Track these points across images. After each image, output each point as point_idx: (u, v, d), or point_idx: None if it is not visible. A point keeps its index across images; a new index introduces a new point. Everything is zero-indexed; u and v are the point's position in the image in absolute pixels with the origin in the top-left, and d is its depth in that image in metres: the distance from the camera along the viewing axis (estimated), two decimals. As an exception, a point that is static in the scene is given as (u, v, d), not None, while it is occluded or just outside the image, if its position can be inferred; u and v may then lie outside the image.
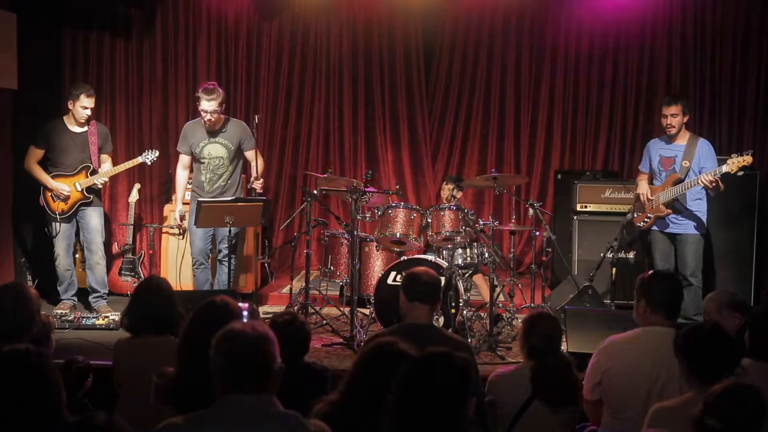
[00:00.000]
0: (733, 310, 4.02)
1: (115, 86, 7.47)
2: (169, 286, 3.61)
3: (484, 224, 5.74)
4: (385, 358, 2.58)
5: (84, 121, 6.01)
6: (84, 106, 5.93)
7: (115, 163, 6.24)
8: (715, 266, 6.38)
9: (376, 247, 5.89)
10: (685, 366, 2.86)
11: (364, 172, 6.89)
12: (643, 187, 5.83)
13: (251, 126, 5.97)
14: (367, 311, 5.65)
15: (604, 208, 6.62)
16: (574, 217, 6.68)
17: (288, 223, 7.19)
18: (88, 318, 5.75)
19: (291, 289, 6.11)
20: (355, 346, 5.15)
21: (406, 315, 3.65)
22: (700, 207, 5.70)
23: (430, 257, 5.72)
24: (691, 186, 5.53)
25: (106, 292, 6.25)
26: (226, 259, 5.85)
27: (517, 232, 6.41)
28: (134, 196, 6.87)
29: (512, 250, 5.97)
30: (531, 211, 5.96)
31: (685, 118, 5.71)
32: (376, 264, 5.95)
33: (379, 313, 5.47)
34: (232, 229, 5.55)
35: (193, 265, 6.12)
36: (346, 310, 5.75)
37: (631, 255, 6.49)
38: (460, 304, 5.39)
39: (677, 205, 5.67)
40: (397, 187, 6.42)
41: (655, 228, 5.81)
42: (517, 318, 5.68)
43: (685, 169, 5.64)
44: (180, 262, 6.58)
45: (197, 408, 2.33)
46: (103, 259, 6.21)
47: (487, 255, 5.65)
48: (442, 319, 5.27)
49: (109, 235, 7.11)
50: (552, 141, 7.83)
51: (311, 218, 5.89)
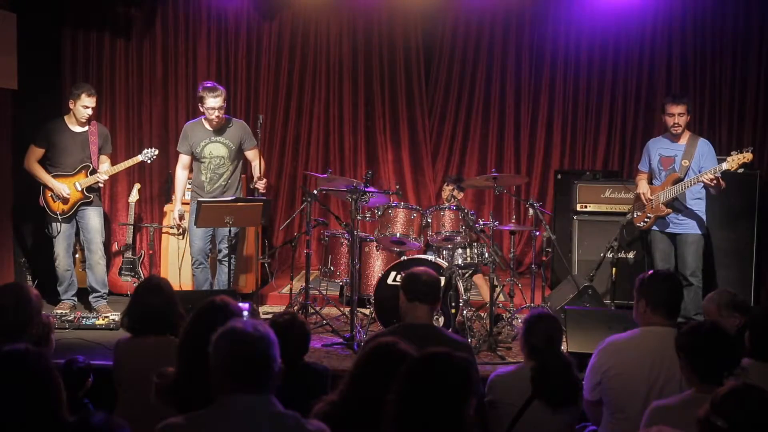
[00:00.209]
0: (733, 310, 4.03)
1: (115, 86, 7.48)
2: (170, 286, 3.61)
3: (484, 224, 5.74)
4: (385, 358, 2.58)
5: (85, 121, 6.01)
6: (85, 105, 5.93)
7: (114, 165, 6.24)
8: (715, 266, 6.38)
9: (376, 247, 5.90)
10: (686, 365, 2.86)
11: (364, 172, 6.89)
12: (643, 187, 5.83)
13: (255, 126, 5.97)
14: (367, 311, 5.65)
15: (604, 208, 6.62)
16: (574, 217, 6.68)
17: (288, 223, 7.19)
18: (88, 318, 5.75)
19: (291, 289, 6.11)
20: (355, 346, 5.15)
21: (406, 315, 3.66)
22: (700, 206, 5.70)
23: (430, 257, 5.72)
24: (691, 185, 5.52)
25: (106, 292, 6.25)
26: (226, 259, 5.85)
27: (517, 232, 6.41)
28: (134, 196, 6.88)
29: (512, 250, 5.97)
30: (531, 211, 5.96)
31: (688, 118, 5.72)
32: (376, 264, 5.95)
33: (379, 313, 5.47)
34: (232, 229, 5.55)
35: (192, 265, 6.13)
36: (346, 310, 5.75)
37: (631, 255, 6.49)
38: (460, 304, 5.40)
39: (677, 205, 5.67)
40: (397, 187, 6.42)
41: (655, 228, 5.81)
42: (517, 318, 5.68)
43: (684, 168, 5.64)
44: (180, 262, 6.58)
45: (197, 408, 2.34)
46: (103, 258, 6.21)
47: (487, 255, 5.66)
48: (442, 319, 5.27)
49: (109, 235, 7.12)
50: (552, 141, 7.83)
51: (311, 218, 5.89)
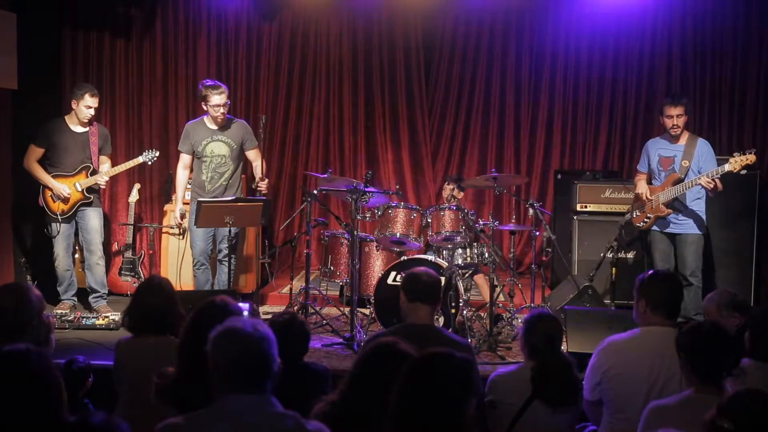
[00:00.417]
0: (733, 310, 4.03)
1: (115, 86, 7.48)
2: (171, 286, 3.61)
3: (484, 224, 5.74)
4: (385, 358, 2.58)
5: (87, 121, 6.01)
6: (88, 105, 5.93)
7: (113, 165, 6.24)
8: (715, 266, 6.38)
9: (376, 247, 5.90)
10: (686, 365, 2.86)
11: (364, 172, 6.89)
12: (642, 187, 5.83)
13: (258, 126, 5.96)
14: (367, 311, 5.65)
15: (604, 208, 6.62)
16: (574, 217, 6.68)
17: (288, 223, 7.19)
18: (88, 318, 5.75)
19: (291, 289, 6.11)
20: (355, 346, 5.15)
21: (407, 315, 3.65)
22: (700, 207, 5.70)
23: (430, 257, 5.72)
24: (691, 186, 5.53)
25: (106, 292, 6.25)
26: (226, 259, 5.85)
27: (517, 232, 6.41)
28: (134, 196, 6.88)
29: (512, 250, 5.97)
30: (531, 211, 5.95)
31: (687, 118, 5.72)
32: (376, 264, 5.95)
33: (379, 313, 5.47)
34: (232, 229, 5.55)
35: (194, 266, 6.12)
36: (346, 310, 5.75)
37: (631, 255, 6.49)
38: (460, 304, 5.40)
39: (677, 205, 5.67)
40: (397, 187, 6.43)
41: (654, 228, 5.81)
42: (517, 318, 5.68)
43: (684, 168, 5.64)
44: (180, 263, 6.58)
45: (197, 408, 2.33)
46: (102, 259, 6.21)
47: (487, 255, 5.66)
48: (442, 319, 5.27)
49: (109, 235, 7.12)
50: (552, 141, 7.83)
51: (311, 218, 5.89)
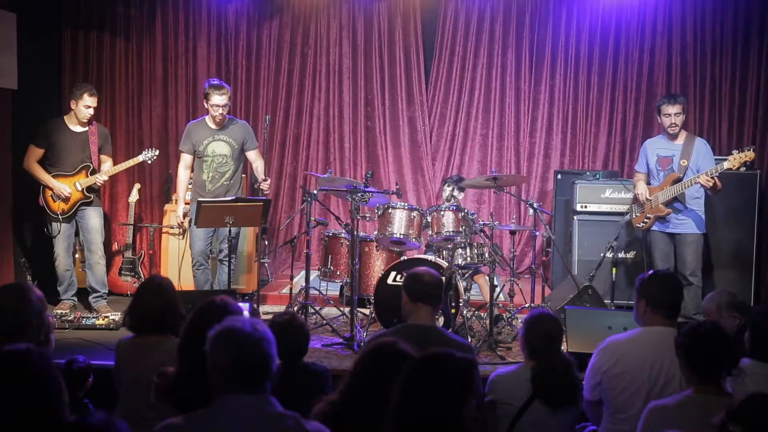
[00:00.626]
0: (733, 310, 4.03)
1: (115, 86, 7.48)
2: (172, 286, 3.60)
3: (484, 224, 5.74)
4: (385, 358, 2.57)
5: (86, 121, 6.01)
6: (87, 105, 5.93)
7: (113, 165, 6.23)
8: (715, 266, 6.39)
9: (376, 247, 5.90)
10: (686, 365, 2.86)
11: (364, 172, 6.88)
12: (641, 188, 5.84)
13: (261, 127, 5.96)
14: (367, 311, 5.66)
15: (604, 208, 6.61)
16: (574, 217, 6.68)
17: (288, 223, 7.19)
18: (88, 318, 5.75)
19: (291, 289, 6.11)
20: (355, 346, 5.15)
21: (409, 315, 3.63)
22: (699, 206, 5.71)
23: (430, 257, 5.72)
24: (690, 184, 5.53)
25: (106, 292, 6.25)
26: (226, 259, 5.85)
27: (517, 232, 6.41)
28: (134, 196, 6.88)
29: (512, 250, 5.97)
30: (531, 211, 5.96)
31: (684, 117, 5.73)
32: (376, 264, 5.95)
33: (379, 313, 5.47)
34: (232, 229, 5.55)
35: (193, 266, 6.12)
36: (346, 310, 5.75)
37: (631, 255, 6.49)
38: (460, 304, 5.40)
39: (677, 205, 5.68)
40: (397, 187, 6.42)
41: (654, 228, 5.81)
42: (517, 318, 5.67)
43: (683, 168, 5.64)
44: (180, 263, 6.57)
45: (197, 408, 2.33)
46: (102, 258, 6.21)
47: (487, 255, 5.66)
48: (442, 319, 5.27)
49: (109, 235, 7.12)
50: (552, 141, 7.83)
51: (311, 218, 5.89)
